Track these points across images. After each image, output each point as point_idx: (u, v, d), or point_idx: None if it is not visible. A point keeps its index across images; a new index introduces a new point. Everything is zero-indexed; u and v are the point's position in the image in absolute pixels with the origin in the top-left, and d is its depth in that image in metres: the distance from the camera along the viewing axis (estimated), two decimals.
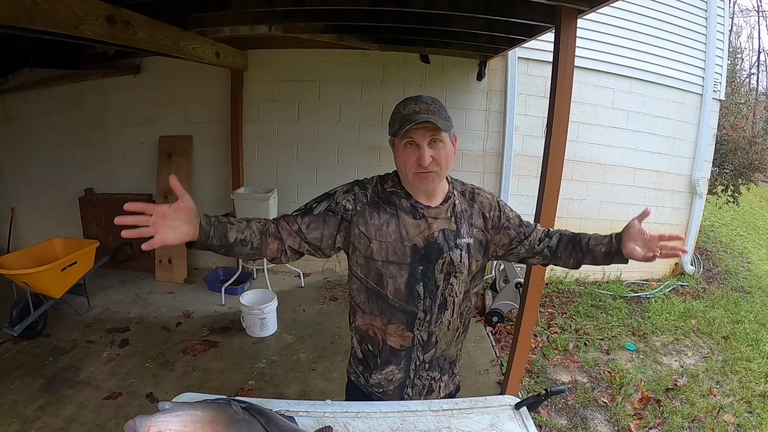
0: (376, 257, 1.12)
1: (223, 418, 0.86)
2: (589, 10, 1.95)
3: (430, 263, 1.13)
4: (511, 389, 2.35)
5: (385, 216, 1.13)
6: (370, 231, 1.12)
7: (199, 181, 4.29)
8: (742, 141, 5.83)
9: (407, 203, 1.15)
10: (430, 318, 1.16)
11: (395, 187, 1.17)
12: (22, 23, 1.68)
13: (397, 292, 1.14)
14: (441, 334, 1.19)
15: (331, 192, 1.17)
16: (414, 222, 1.13)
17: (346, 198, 1.14)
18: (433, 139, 1.06)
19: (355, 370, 1.29)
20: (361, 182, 1.20)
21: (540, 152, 2.25)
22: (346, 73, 3.97)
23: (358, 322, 1.24)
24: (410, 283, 1.13)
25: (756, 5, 17.04)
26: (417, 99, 1.08)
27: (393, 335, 1.17)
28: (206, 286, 3.94)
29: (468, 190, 1.24)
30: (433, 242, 1.13)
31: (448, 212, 1.16)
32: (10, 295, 2.97)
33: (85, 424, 2.22)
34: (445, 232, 1.14)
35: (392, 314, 1.15)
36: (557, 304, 3.90)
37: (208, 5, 2.54)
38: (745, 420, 2.50)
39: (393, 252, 1.12)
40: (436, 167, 1.08)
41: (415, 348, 1.18)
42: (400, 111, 1.08)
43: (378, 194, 1.16)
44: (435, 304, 1.16)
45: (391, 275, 1.13)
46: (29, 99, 4.37)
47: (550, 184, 2.11)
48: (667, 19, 4.24)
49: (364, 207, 1.14)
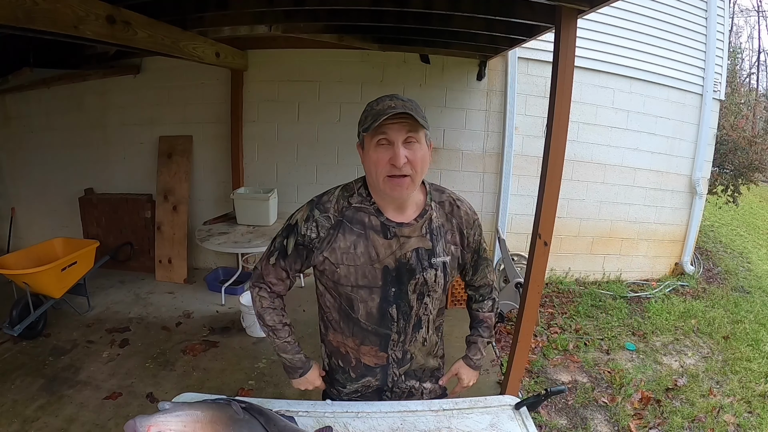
0: (344, 282, 1.05)
1: (223, 418, 0.86)
2: (589, 10, 1.95)
3: (402, 285, 1.06)
4: (511, 389, 2.35)
5: (352, 237, 1.04)
6: (335, 256, 1.04)
7: (199, 181, 4.29)
8: (742, 141, 5.83)
9: (377, 221, 1.04)
10: (404, 338, 1.12)
11: (363, 202, 1.06)
12: (22, 23, 1.68)
13: (369, 316, 1.08)
14: (416, 350, 1.16)
15: (293, 223, 1.09)
16: (385, 242, 1.04)
17: (307, 227, 1.06)
18: (409, 138, 0.96)
19: (326, 380, 1.25)
20: (320, 201, 1.08)
21: (540, 152, 2.25)
22: (346, 73, 3.97)
23: (329, 337, 1.18)
24: (382, 306, 1.07)
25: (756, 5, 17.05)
26: (393, 96, 0.99)
27: (366, 355, 1.13)
28: (206, 286, 3.94)
29: (447, 200, 1.12)
30: (405, 263, 1.05)
31: (423, 229, 1.07)
32: (10, 295, 2.97)
33: (85, 424, 2.22)
34: (419, 252, 1.06)
35: (365, 336, 1.11)
36: (557, 304, 3.90)
37: (208, 5, 2.53)
38: (745, 420, 2.50)
39: (362, 276, 1.04)
40: (411, 170, 0.97)
41: (390, 365, 1.15)
42: (374, 107, 0.98)
43: (341, 212, 1.06)
44: (409, 325, 1.11)
45: (362, 299, 1.06)
46: (29, 99, 4.37)
47: (550, 184, 2.11)
48: (667, 19, 4.24)
49: (328, 232, 1.04)
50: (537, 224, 2.17)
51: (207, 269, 4.30)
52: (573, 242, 4.43)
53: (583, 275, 4.50)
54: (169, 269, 4.13)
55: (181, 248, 4.12)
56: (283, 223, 1.14)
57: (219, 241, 3.31)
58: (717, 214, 7.62)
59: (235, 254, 4.00)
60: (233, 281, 3.83)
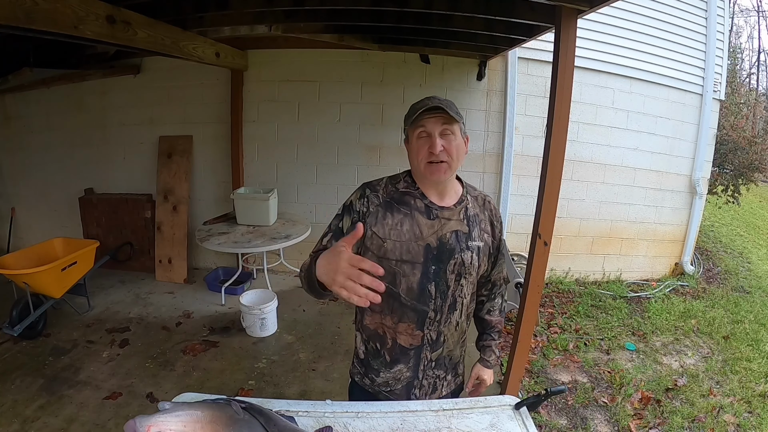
0: (390, 256, 1.14)
1: (223, 418, 0.86)
2: (589, 10, 1.95)
3: (442, 263, 1.15)
4: (511, 389, 2.35)
5: (399, 216, 1.15)
6: (383, 231, 1.14)
7: (199, 181, 4.29)
8: (742, 141, 5.83)
9: (422, 203, 1.17)
10: (440, 318, 1.18)
11: (409, 187, 1.19)
12: (22, 23, 1.68)
13: (410, 291, 1.15)
14: (449, 333, 1.22)
15: (347, 203, 1.20)
16: (428, 222, 1.15)
17: (361, 203, 1.18)
18: (445, 129, 1.10)
19: (359, 370, 1.30)
20: (371, 184, 1.21)
21: (540, 152, 2.25)
22: (346, 73, 3.97)
23: (367, 321, 1.24)
24: (422, 282, 1.15)
25: (756, 5, 17.05)
26: (431, 97, 1.13)
27: (403, 333, 1.19)
28: (206, 286, 3.94)
29: (480, 195, 1.27)
30: (445, 243, 1.15)
31: (461, 214, 1.19)
32: (10, 295, 2.97)
33: (85, 424, 2.22)
34: (458, 234, 1.17)
35: (403, 313, 1.17)
36: (557, 304, 3.90)
37: (208, 5, 2.53)
38: (745, 420, 2.50)
39: (407, 251, 1.13)
40: (447, 157, 1.10)
41: (424, 347, 1.20)
42: (415, 106, 1.13)
43: (390, 195, 1.18)
44: (445, 304, 1.18)
45: (404, 274, 1.14)
46: (29, 99, 4.37)
47: (550, 184, 2.11)
48: (667, 19, 4.24)
49: (377, 208, 1.16)
50: (537, 224, 2.17)
51: (207, 269, 4.30)
52: (573, 242, 4.43)
53: (583, 275, 4.50)
54: (169, 269, 4.13)
55: (181, 248, 4.12)
56: (339, 208, 1.23)
57: (219, 241, 3.31)
58: (717, 214, 7.63)
59: (235, 254, 4.01)
60: (233, 281, 3.83)
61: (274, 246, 3.32)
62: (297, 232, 3.52)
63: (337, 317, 3.46)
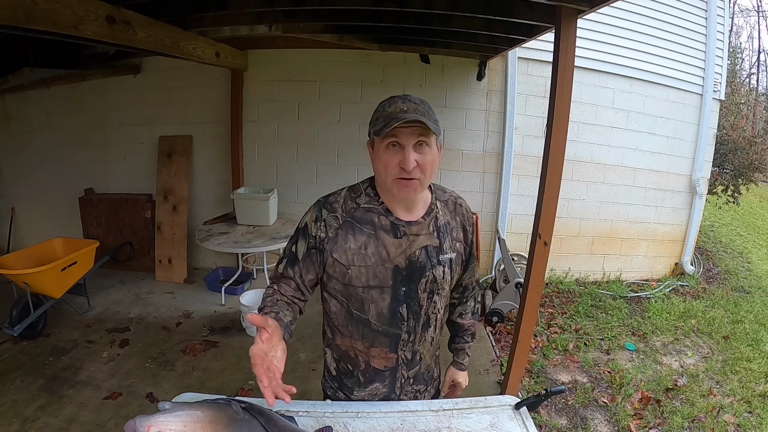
0: (356, 283, 1.04)
1: (223, 418, 0.86)
2: (589, 10, 1.95)
3: (412, 283, 1.06)
4: (511, 389, 2.35)
5: (362, 237, 1.04)
6: (346, 257, 1.03)
7: (199, 181, 4.29)
8: (742, 141, 5.83)
9: (386, 221, 1.05)
10: (414, 338, 1.12)
11: (371, 202, 1.07)
12: (22, 23, 1.68)
13: (380, 317, 1.07)
14: (425, 350, 1.16)
15: (302, 226, 1.09)
16: (395, 241, 1.04)
17: (317, 226, 1.06)
18: (420, 141, 0.97)
19: (332, 385, 1.22)
20: (327, 202, 1.08)
21: (540, 152, 2.25)
22: (346, 73, 3.97)
23: (337, 341, 1.16)
24: (393, 306, 1.06)
25: (756, 5, 17.05)
26: (405, 98, 0.99)
27: (377, 357, 1.12)
28: (206, 286, 3.94)
29: (450, 199, 1.15)
30: (415, 261, 1.05)
31: (431, 226, 1.08)
32: (10, 295, 2.97)
33: (85, 424, 2.22)
34: (428, 249, 1.07)
35: (375, 338, 1.09)
36: (557, 304, 3.90)
37: (208, 5, 2.53)
38: (745, 420, 2.50)
39: (374, 276, 1.04)
40: (420, 174, 0.98)
41: (399, 367, 1.14)
42: (386, 108, 0.99)
43: (350, 212, 1.06)
44: (419, 324, 1.11)
45: (373, 300, 1.06)
46: (29, 99, 4.37)
47: (550, 184, 2.11)
48: (667, 19, 4.24)
49: (337, 232, 1.04)
50: (537, 224, 2.17)
51: (207, 269, 4.30)
52: (573, 242, 4.43)
53: (583, 275, 4.50)
54: (169, 269, 4.13)
55: (181, 248, 4.12)
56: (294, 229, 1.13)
57: (219, 241, 3.31)
58: (717, 214, 7.62)
59: (235, 254, 4.00)
60: (233, 281, 3.83)
61: (274, 246, 3.32)
62: None
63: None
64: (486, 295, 3.82)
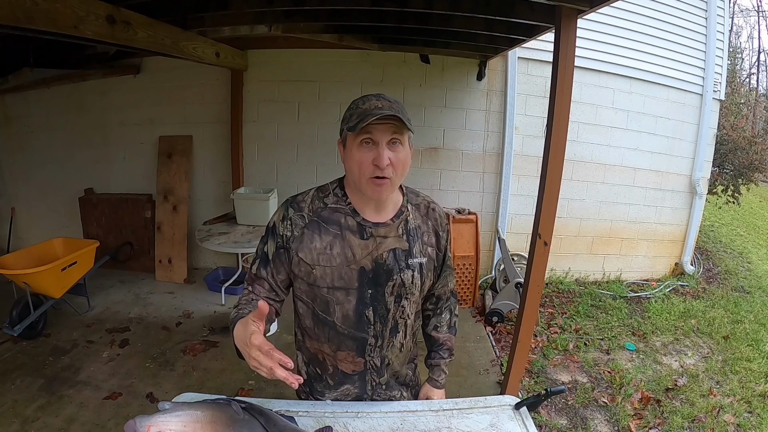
0: (321, 284, 1.03)
1: (223, 418, 0.86)
2: (589, 10, 1.95)
3: (379, 286, 1.04)
4: (511, 389, 2.35)
5: (328, 237, 1.03)
6: (311, 257, 1.02)
7: (199, 181, 4.29)
8: (742, 141, 5.83)
9: (353, 221, 1.04)
10: (382, 342, 1.10)
11: (339, 202, 1.06)
12: (22, 23, 1.68)
13: (345, 319, 1.06)
14: (393, 356, 1.14)
15: (270, 225, 1.08)
16: (361, 242, 1.03)
17: (284, 225, 1.05)
18: (394, 139, 0.96)
19: (304, 389, 1.20)
20: (295, 201, 1.07)
21: (540, 152, 2.25)
22: (346, 73, 3.97)
23: (307, 344, 1.15)
24: (359, 308, 1.05)
25: (756, 5, 17.06)
26: (379, 96, 0.98)
27: (344, 361, 1.10)
28: (206, 286, 3.94)
29: (423, 203, 1.14)
30: (382, 263, 1.04)
31: (400, 229, 1.06)
32: (10, 295, 2.97)
33: (85, 424, 2.22)
34: (396, 252, 1.05)
35: (341, 341, 1.08)
36: (557, 304, 3.90)
37: (208, 5, 2.54)
38: (745, 420, 2.50)
39: (339, 277, 1.03)
40: (392, 173, 0.97)
41: (368, 372, 1.13)
42: (359, 105, 0.97)
43: (317, 212, 1.05)
44: (386, 329, 1.09)
45: (338, 302, 1.04)
46: (29, 99, 4.37)
47: (550, 184, 2.11)
48: (667, 19, 4.24)
49: (303, 231, 1.03)
50: (537, 224, 2.17)
51: (207, 269, 4.31)
52: (573, 242, 4.43)
53: (583, 275, 4.51)
54: (169, 269, 4.13)
55: (181, 248, 4.12)
56: None
57: (219, 241, 3.31)
58: (717, 214, 7.62)
59: (235, 254, 4.00)
60: (233, 281, 3.83)
61: None
62: None
63: None
64: (486, 295, 3.82)
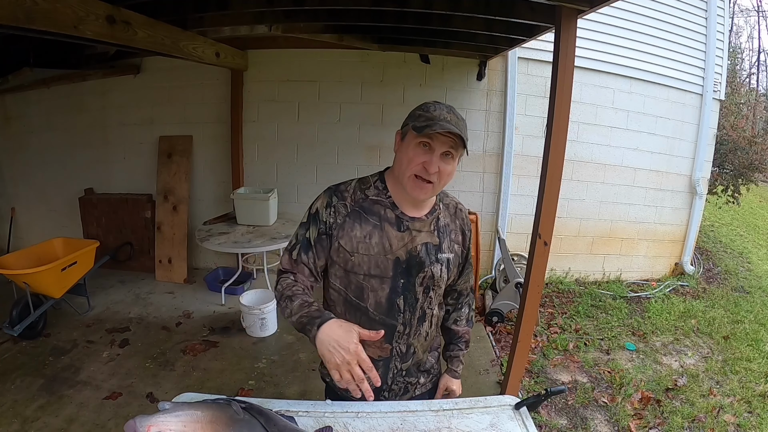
0: (358, 270, 1.10)
1: (223, 418, 0.86)
2: (589, 10, 1.95)
3: (411, 277, 1.12)
4: (511, 389, 2.35)
5: (368, 227, 1.10)
6: (351, 244, 1.09)
7: (199, 181, 4.29)
8: (742, 141, 5.83)
9: (392, 214, 1.11)
10: (409, 330, 1.16)
11: (379, 195, 1.13)
12: (22, 23, 1.68)
13: (378, 306, 1.12)
14: (419, 344, 1.20)
15: (313, 212, 1.13)
16: (398, 234, 1.10)
17: (327, 212, 1.11)
18: (447, 152, 1.04)
19: (328, 373, 1.22)
20: (338, 190, 1.14)
21: (540, 152, 2.25)
22: (346, 73, 3.97)
23: None
24: (391, 296, 1.12)
25: (756, 5, 17.05)
26: (450, 109, 1.06)
27: (371, 347, 1.14)
28: (206, 286, 3.94)
29: (452, 203, 1.22)
30: (415, 256, 1.11)
31: (432, 225, 1.14)
32: (10, 295, 2.97)
33: (85, 424, 2.22)
34: (428, 246, 1.13)
35: (371, 327, 1.10)
36: (557, 304, 3.90)
37: (208, 5, 2.53)
38: (745, 420, 2.50)
39: (375, 265, 1.09)
40: (437, 180, 1.05)
41: (393, 359, 1.18)
42: (430, 110, 1.04)
43: (359, 203, 1.12)
44: (414, 317, 1.15)
45: (372, 288, 1.11)
46: (29, 99, 4.37)
47: (550, 184, 2.11)
48: (667, 19, 4.24)
49: (345, 219, 1.10)
50: (537, 224, 2.17)
51: (207, 269, 4.30)
52: (573, 242, 4.43)
53: (583, 275, 4.51)
54: (169, 269, 4.13)
55: (181, 248, 4.12)
56: (303, 215, 1.16)
57: (219, 241, 3.31)
58: (717, 214, 7.62)
59: (235, 254, 4.00)
60: (233, 281, 3.83)
61: (274, 246, 3.32)
62: None
63: None
64: (486, 295, 3.82)
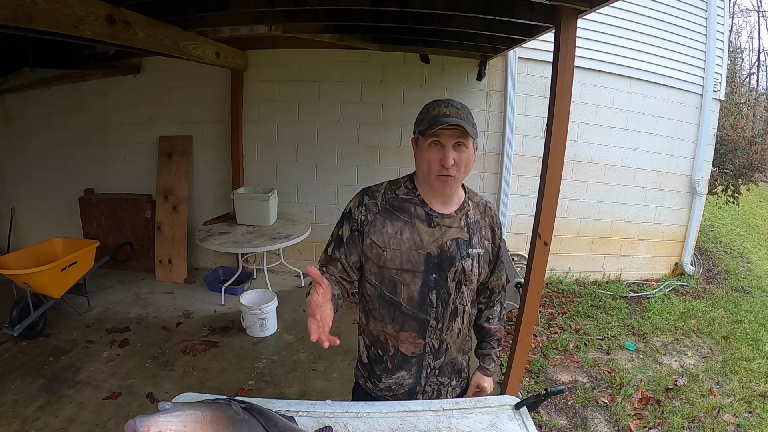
0: (390, 265, 1.14)
1: (223, 418, 0.86)
2: (589, 10, 1.95)
3: (443, 271, 1.15)
4: (511, 389, 2.35)
5: (399, 224, 1.14)
6: (383, 240, 1.14)
7: (199, 181, 4.29)
8: (742, 141, 5.83)
9: (422, 210, 1.16)
10: (442, 326, 1.18)
11: (409, 194, 1.18)
12: (22, 23, 1.68)
13: (411, 300, 1.15)
14: (451, 341, 1.22)
15: (346, 211, 1.20)
16: (428, 230, 1.14)
17: (359, 210, 1.17)
18: (458, 142, 1.08)
19: (363, 374, 1.30)
20: (369, 190, 1.20)
21: (540, 152, 2.24)
22: (346, 73, 3.97)
23: (370, 327, 1.24)
24: (423, 291, 1.15)
25: (756, 5, 17.05)
26: (448, 103, 1.10)
27: (405, 342, 1.19)
28: (206, 286, 3.94)
29: (481, 202, 1.26)
30: (446, 250, 1.14)
31: (462, 221, 1.18)
32: (10, 295, 2.97)
33: (85, 424, 2.22)
34: (458, 241, 1.16)
35: (405, 321, 1.17)
36: (557, 304, 3.90)
37: (208, 5, 2.53)
38: (745, 420, 2.50)
39: (407, 260, 1.13)
40: (456, 171, 1.09)
41: (426, 355, 1.20)
42: (430, 111, 1.10)
43: (389, 201, 1.17)
44: (447, 312, 1.18)
45: (405, 283, 1.14)
46: (29, 99, 4.37)
47: (550, 184, 2.11)
48: (667, 19, 4.23)
49: (376, 216, 1.15)
50: (537, 224, 2.17)
51: (207, 269, 4.30)
52: (573, 242, 4.43)
53: (583, 275, 4.50)
54: (169, 269, 4.13)
55: (181, 248, 4.12)
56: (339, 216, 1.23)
57: (219, 241, 3.31)
58: (717, 214, 7.62)
59: (235, 254, 4.00)
60: (233, 281, 3.83)
61: (274, 246, 3.32)
62: (297, 232, 3.52)
63: (337, 317, 3.44)
64: None
